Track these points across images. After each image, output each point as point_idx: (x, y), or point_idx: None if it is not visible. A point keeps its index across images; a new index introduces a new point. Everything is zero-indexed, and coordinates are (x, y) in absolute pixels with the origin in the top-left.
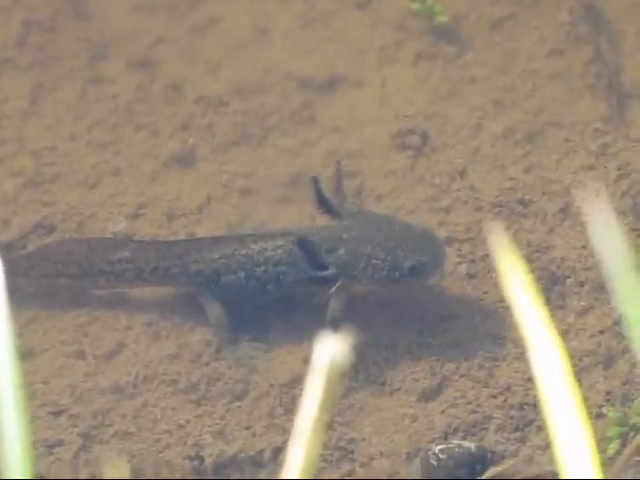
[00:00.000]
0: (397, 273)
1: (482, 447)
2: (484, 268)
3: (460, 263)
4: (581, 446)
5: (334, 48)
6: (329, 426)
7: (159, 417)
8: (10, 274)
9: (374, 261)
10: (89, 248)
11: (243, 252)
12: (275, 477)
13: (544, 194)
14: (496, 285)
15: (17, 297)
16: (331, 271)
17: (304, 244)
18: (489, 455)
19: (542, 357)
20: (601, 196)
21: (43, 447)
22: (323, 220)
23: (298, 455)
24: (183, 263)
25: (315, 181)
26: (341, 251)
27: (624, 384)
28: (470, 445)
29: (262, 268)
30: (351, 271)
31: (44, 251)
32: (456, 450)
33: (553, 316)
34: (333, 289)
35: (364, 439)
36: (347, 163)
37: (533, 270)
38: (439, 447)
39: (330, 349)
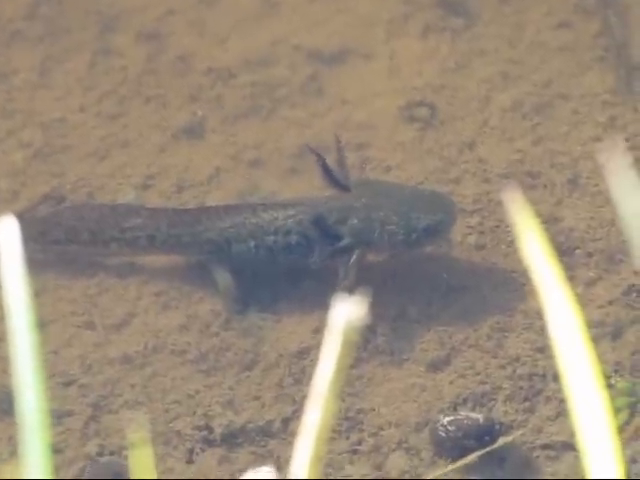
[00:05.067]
0: (413, 235)
1: (490, 418)
2: (493, 239)
3: (469, 234)
4: (598, 415)
5: (343, 20)
6: (338, 396)
7: (168, 387)
8: (22, 240)
9: (388, 226)
10: (101, 214)
11: (254, 221)
12: (286, 444)
13: (552, 166)
14: (505, 256)
15: (27, 266)
16: (346, 241)
17: (317, 217)
18: (497, 426)
19: (559, 325)
20: (622, 151)
21: (53, 417)
22: (331, 191)
23: (315, 415)
24: (194, 231)
25: (318, 155)
26: (354, 220)
27: (633, 355)
28: (478, 416)
29: (272, 237)
30: (366, 239)
31: (55, 217)
32: (464, 422)
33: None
34: (353, 259)
35: (373, 409)
36: (356, 135)
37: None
38: (447, 419)
39: (346, 310)
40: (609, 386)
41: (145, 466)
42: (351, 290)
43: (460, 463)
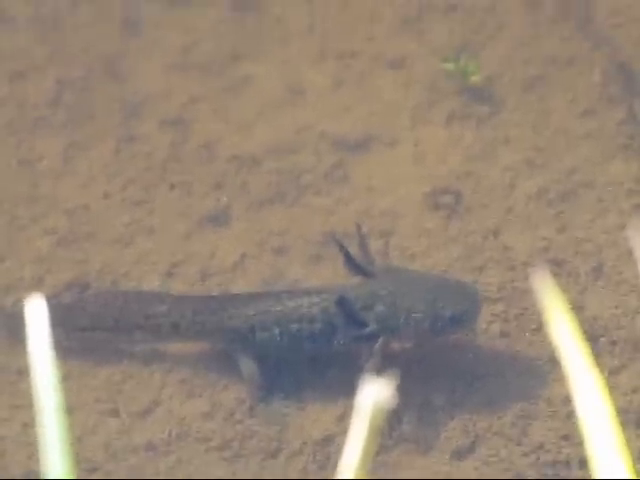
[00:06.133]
0: (439, 324)
1: None
2: (517, 327)
3: (493, 322)
4: None
5: (367, 108)
6: None
7: (193, 474)
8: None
9: (415, 314)
10: (125, 301)
11: (278, 308)
12: None
13: (577, 254)
14: (529, 344)
15: (53, 352)
16: (372, 327)
17: (343, 302)
18: None
19: (588, 411)
20: None
21: None
22: (356, 279)
23: None
24: (218, 319)
25: (340, 244)
26: (380, 307)
27: None
28: None
29: (297, 325)
30: (392, 326)
31: (81, 303)
32: None
33: None
34: (377, 346)
35: None
36: (380, 222)
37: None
38: None
39: (373, 393)
40: (635, 473)
41: None
42: (376, 375)
43: None
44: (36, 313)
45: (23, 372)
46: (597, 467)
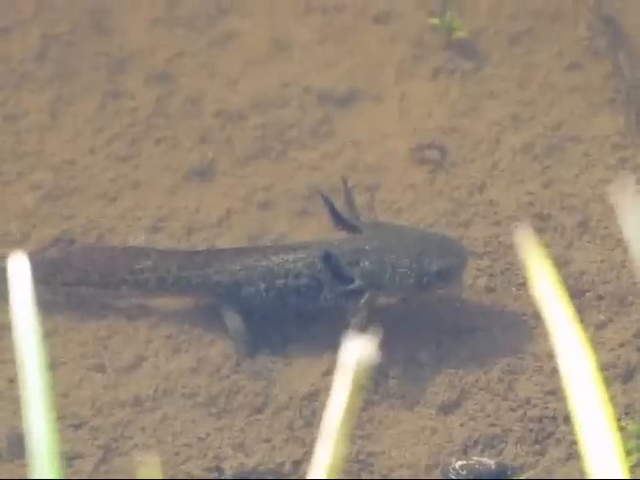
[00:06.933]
0: (425, 279)
1: (503, 464)
2: (503, 282)
3: (479, 277)
4: (608, 458)
5: (353, 62)
6: (349, 438)
7: (179, 430)
8: (33, 281)
9: (400, 269)
10: (111, 256)
11: (264, 264)
12: None
13: (563, 209)
14: (515, 299)
15: (37, 308)
16: (358, 283)
17: (328, 257)
18: (509, 472)
19: (571, 367)
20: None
21: (63, 460)
22: (342, 234)
23: (325, 457)
24: (205, 274)
25: (325, 198)
26: (365, 262)
27: None
28: (491, 462)
29: (282, 280)
30: (378, 281)
31: (66, 258)
32: (477, 467)
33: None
34: (362, 301)
35: (384, 452)
36: (366, 176)
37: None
38: (460, 463)
39: (356, 349)
40: (620, 429)
41: None
42: (361, 331)
43: None
44: (19, 269)
45: (7, 328)
46: (581, 423)
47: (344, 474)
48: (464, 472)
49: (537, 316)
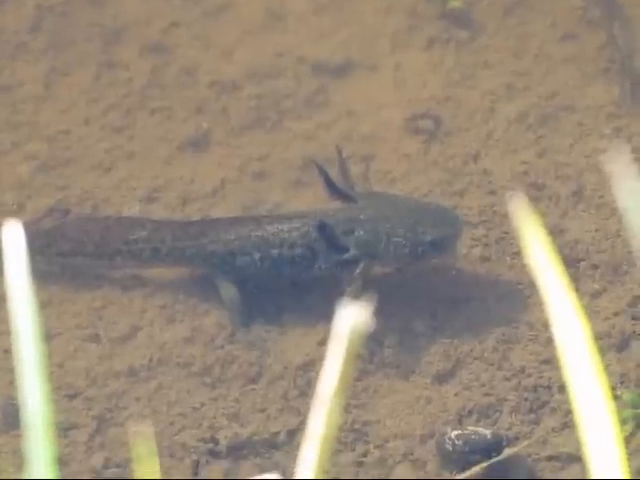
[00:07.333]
0: (419, 249)
1: (498, 434)
2: (498, 251)
3: (474, 246)
4: (603, 427)
5: (348, 32)
6: (343, 407)
7: (174, 400)
8: (28, 251)
9: (395, 239)
10: (106, 227)
11: (258, 233)
12: (292, 456)
13: (557, 178)
14: (510, 268)
15: (32, 278)
16: (352, 252)
17: (323, 227)
18: (505, 442)
19: (566, 336)
20: (627, 162)
21: (58, 430)
22: (336, 204)
23: (320, 427)
24: (199, 244)
25: (320, 168)
26: (360, 232)
27: (638, 366)
28: (486, 432)
29: (277, 250)
30: (372, 251)
31: (61, 229)
32: (472, 437)
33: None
34: (357, 271)
35: (379, 421)
36: (361, 146)
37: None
38: (455, 432)
39: (350, 317)
40: (615, 398)
41: (151, 478)
42: (356, 300)
43: (465, 475)
44: (13, 239)
45: (2, 299)
46: (575, 392)
47: (339, 443)
48: (460, 442)
49: (532, 285)
